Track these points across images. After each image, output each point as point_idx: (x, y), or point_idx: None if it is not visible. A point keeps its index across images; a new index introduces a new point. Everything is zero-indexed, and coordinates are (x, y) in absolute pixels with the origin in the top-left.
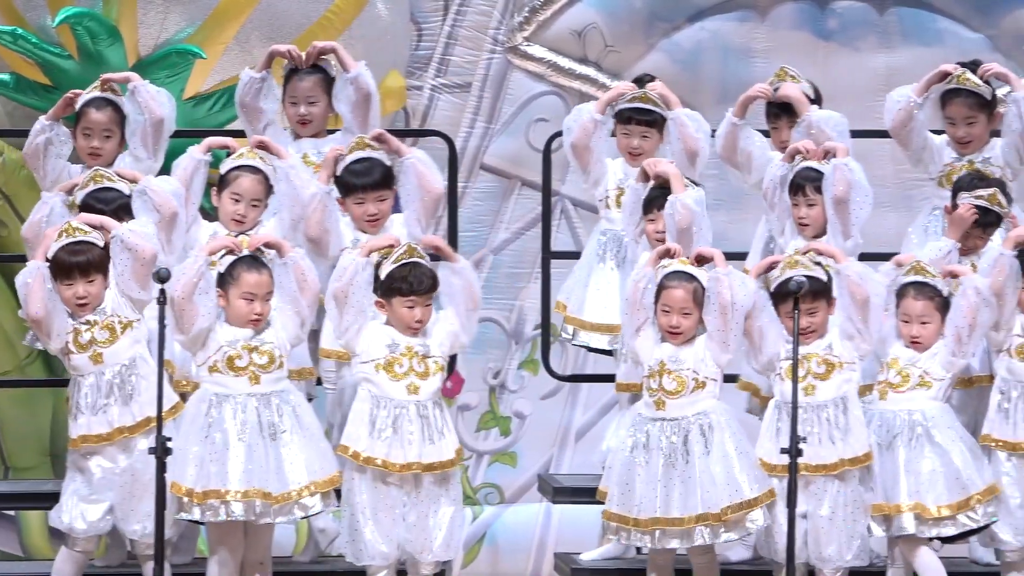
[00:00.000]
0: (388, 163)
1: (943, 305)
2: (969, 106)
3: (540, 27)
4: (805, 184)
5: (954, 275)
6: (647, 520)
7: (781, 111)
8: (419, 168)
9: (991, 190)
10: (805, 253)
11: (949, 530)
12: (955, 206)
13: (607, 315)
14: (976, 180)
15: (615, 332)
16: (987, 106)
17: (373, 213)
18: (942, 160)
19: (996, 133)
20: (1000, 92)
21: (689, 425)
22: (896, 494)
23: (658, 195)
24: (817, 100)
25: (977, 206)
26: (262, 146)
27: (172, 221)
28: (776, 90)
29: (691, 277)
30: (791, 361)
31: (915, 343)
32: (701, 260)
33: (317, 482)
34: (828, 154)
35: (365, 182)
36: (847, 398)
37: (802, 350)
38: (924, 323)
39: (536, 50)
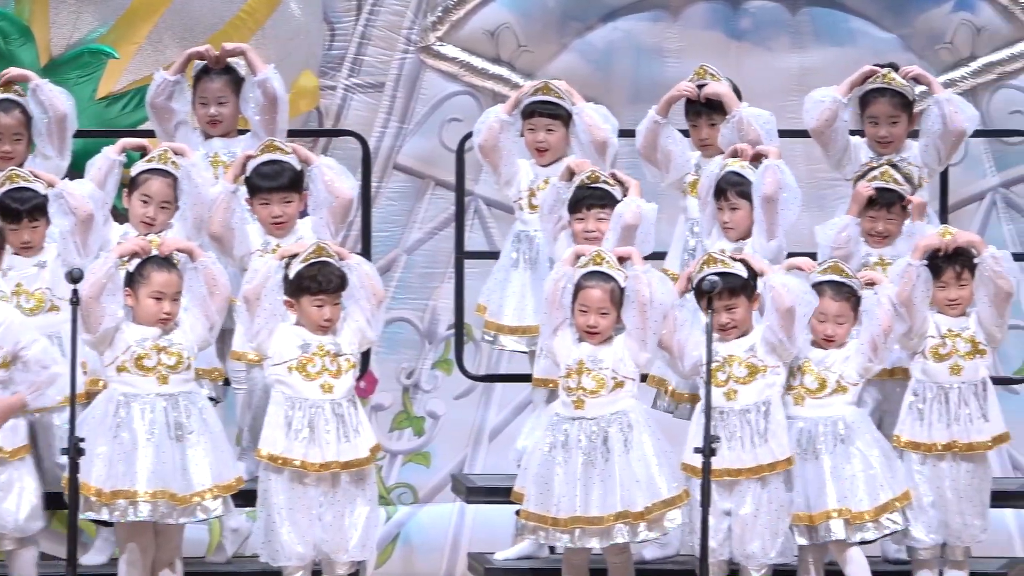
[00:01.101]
0: (298, 167)
1: (857, 305)
2: (894, 105)
3: (453, 27)
4: (728, 188)
5: (872, 283)
6: (566, 519)
7: (703, 109)
8: (327, 175)
9: (882, 168)
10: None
11: (871, 534)
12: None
13: (525, 317)
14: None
15: (532, 334)
16: (909, 106)
17: (278, 215)
18: (859, 161)
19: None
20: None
21: (608, 424)
22: (824, 501)
23: (587, 194)
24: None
25: (878, 188)
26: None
27: (88, 223)
28: (701, 88)
29: (608, 277)
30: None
31: (828, 341)
32: (619, 260)
33: (220, 485)
34: (759, 156)
35: (271, 184)
36: (770, 402)
37: (724, 352)
38: (840, 323)
39: (449, 50)
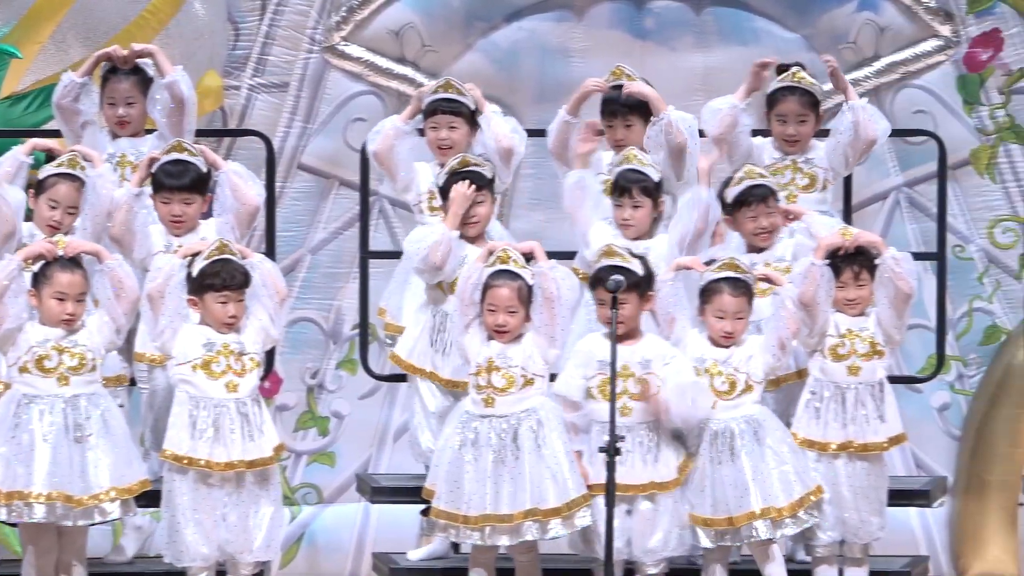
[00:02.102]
0: (204, 170)
1: (751, 300)
2: (802, 104)
3: (357, 27)
4: (631, 186)
5: (768, 280)
6: (477, 517)
7: (620, 109)
8: (234, 180)
9: (746, 167)
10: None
11: (790, 530)
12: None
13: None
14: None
15: None
16: (817, 106)
17: (177, 214)
18: (763, 161)
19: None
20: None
21: (519, 422)
22: (747, 503)
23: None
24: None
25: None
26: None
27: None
28: (618, 87)
29: (515, 275)
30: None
31: (727, 338)
32: (525, 257)
33: (119, 488)
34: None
35: (173, 183)
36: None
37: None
38: (739, 319)
39: (354, 50)
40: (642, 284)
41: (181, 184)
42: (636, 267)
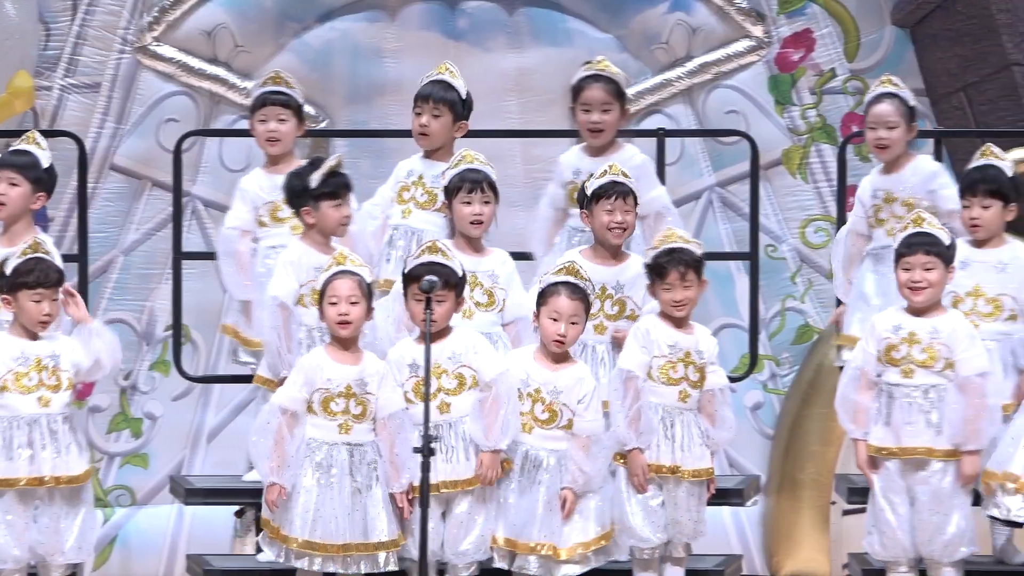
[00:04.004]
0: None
1: (588, 307)
2: (607, 92)
3: (170, 27)
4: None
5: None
6: (336, 546)
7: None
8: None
9: (611, 165)
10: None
11: (572, 570)
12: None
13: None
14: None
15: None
16: (622, 95)
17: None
18: (564, 177)
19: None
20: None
21: (373, 450)
22: (530, 533)
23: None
24: (467, 104)
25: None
26: None
27: None
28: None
29: (354, 273)
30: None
31: (559, 343)
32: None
33: None
34: None
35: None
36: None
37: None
38: (573, 323)
39: (166, 50)
40: (460, 284)
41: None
42: (456, 267)
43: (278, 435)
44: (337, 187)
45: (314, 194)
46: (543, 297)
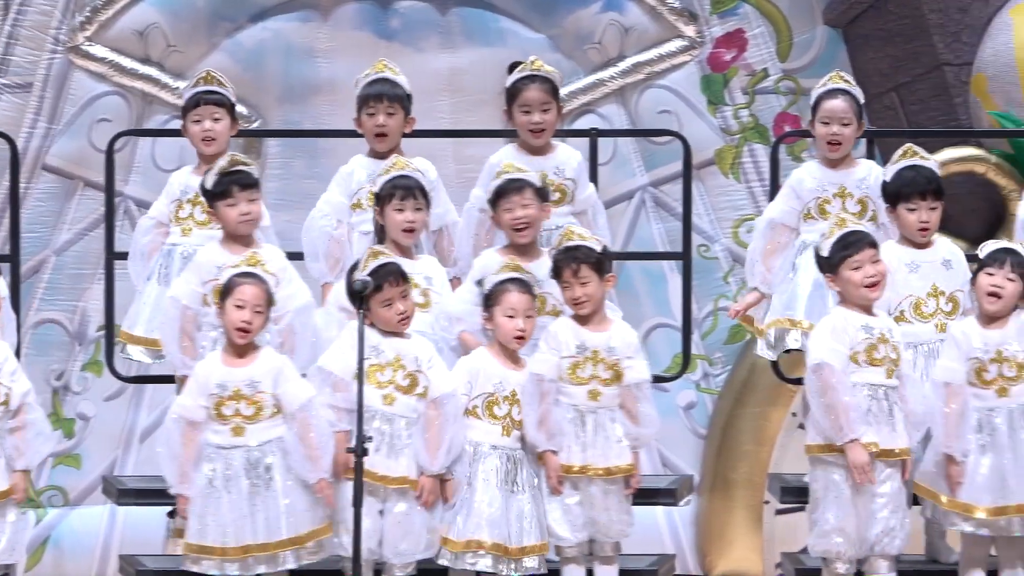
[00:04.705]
0: None
1: (535, 301)
2: (544, 91)
3: (102, 27)
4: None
5: None
6: (235, 548)
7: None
8: None
9: (505, 163)
10: None
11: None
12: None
13: (154, 331)
14: None
15: (156, 347)
16: (558, 93)
17: None
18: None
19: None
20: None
21: (272, 450)
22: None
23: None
24: (409, 99)
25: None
26: None
27: None
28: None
29: (258, 276)
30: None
31: (519, 339)
32: None
33: None
34: None
35: None
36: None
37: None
38: (529, 316)
39: (98, 50)
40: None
41: None
42: (398, 261)
43: (180, 444)
44: (227, 186)
45: (210, 195)
46: (493, 298)
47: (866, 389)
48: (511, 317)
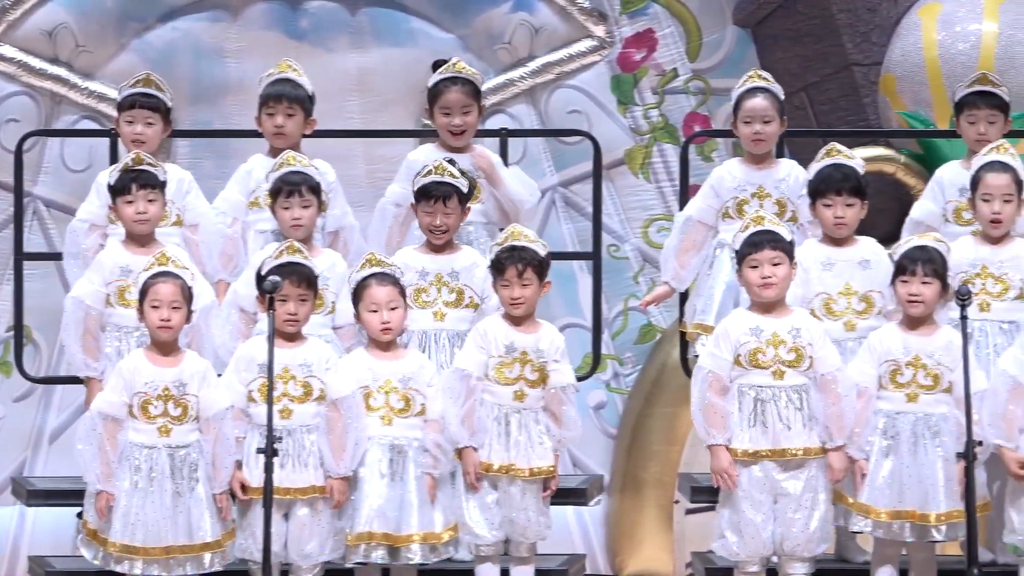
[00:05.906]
0: None
1: (402, 293)
2: (466, 94)
3: (10, 27)
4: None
5: None
6: (157, 548)
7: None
8: None
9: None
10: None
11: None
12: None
13: None
14: None
15: None
16: (479, 95)
17: None
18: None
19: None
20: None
21: (197, 451)
22: (409, 524)
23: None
24: (313, 99)
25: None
26: None
27: None
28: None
29: (175, 275)
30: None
31: (385, 331)
32: None
33: None
34: None
35: None
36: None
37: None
38: (392, 308)
39: (7, 50)
40: (315, 280)
41: None
42: (311, 264)
43: (101, 442)
44: (128, 183)
45: (111, 190)
46: (357, 295)
47: (752, 392)
48: (374, 311)
